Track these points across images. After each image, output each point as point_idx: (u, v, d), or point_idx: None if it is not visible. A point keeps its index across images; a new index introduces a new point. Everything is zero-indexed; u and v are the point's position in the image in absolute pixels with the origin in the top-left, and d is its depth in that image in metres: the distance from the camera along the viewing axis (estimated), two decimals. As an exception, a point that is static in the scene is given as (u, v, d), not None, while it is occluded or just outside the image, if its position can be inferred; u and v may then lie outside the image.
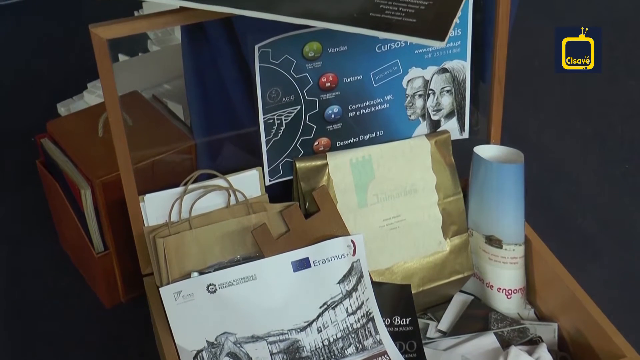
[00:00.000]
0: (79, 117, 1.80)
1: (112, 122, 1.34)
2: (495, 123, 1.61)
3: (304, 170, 1.51)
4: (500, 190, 1.55)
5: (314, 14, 1.11)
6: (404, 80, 1.54)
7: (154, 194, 1.44)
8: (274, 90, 1.44)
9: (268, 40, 1.38)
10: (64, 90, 2.24)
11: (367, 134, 1.56)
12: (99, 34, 1.25)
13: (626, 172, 2.14)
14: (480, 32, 1.57)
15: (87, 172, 1.60)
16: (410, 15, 1.10)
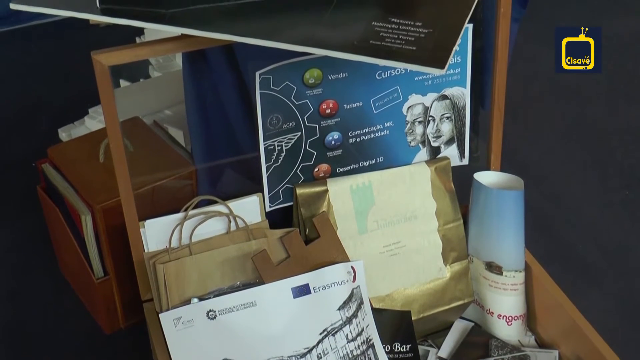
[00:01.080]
0: (80, 142, 1.80)
1: (113, 148, 1.34)
2: (495, 150, 1.61)
3: (304, 196, 1.51)
4: (500, 217, 1.55)
5: (314, 41, 1.12)
6: (404, 106, 1.55)
7: (154, 220, 1.44)
8: (274, 117, 1.45)
9: (269, 67, 1.39)
10: (66, 115, 2.25)
11: (368, 161, 1.57)
12: (100, 61, 1.26)
13: (626, 199, 2.14)
14: (480, 58, 1.58)
15: (88, 197, 1.60)
16: (410, 43, 1.11)
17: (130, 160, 1.37)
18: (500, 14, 1.47)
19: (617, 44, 2.84)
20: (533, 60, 2.70)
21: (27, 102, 2.57)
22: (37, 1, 1.22)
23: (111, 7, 1.19)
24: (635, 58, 2.77)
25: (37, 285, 1.90)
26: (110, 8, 1.19)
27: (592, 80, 2.64)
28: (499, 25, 1.49)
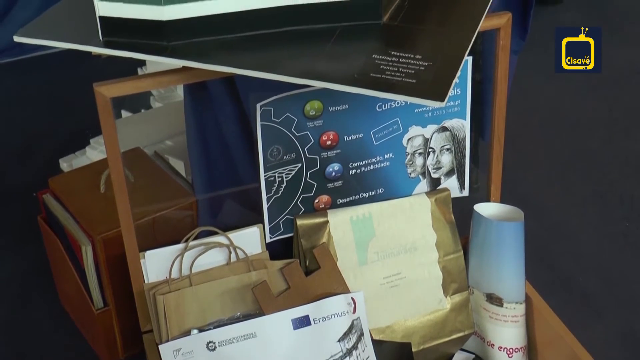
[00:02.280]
0: (81, 173, 1.81)
1: (114, 179, 1.35)
2: (495, 181, 1.62)
3: (304, 227, 1.52)
4: (500, 248, 1.55)
5: (315, 74, 1.13)
6: (404, 138, 1.55)
7: (154, 251, 1.44)
8: (275, 148, 1.45)
9: (270, 99, 1.40)
10: (67, 146, 2.26)
11: (368, 192, 1.57)
12: (102, 93, 1.27)
13: (626, 231, 2.14)
14: (480, 90, 1.59)
15: (88, 228, 1.60)
16: (410, 76, 1.11)
17: (131, 191, 1.38)
18: (499, 47, 1.49)
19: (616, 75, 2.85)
20: (533, 91, 2.72)
21: (29, 132, 2.58)
22: (41, 34, 1.23)
23: (113, 40, 1.20)
24: (634, 89, 2.78)
25: (37, 315, 1.89)
26: (113, 40, 1.20)
27: (592, 112, 2.65)
28: (498, 58, 1.50)
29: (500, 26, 1.47)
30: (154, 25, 1.17)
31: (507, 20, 1.47)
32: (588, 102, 2.72)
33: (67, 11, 1.32)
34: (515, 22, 1.53)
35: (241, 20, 1.19)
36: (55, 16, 1.30)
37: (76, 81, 2.62)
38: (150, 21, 1.17)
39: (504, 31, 1.48)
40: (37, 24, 1.27)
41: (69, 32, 1.24)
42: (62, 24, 1.28)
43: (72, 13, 1.30)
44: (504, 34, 1.48)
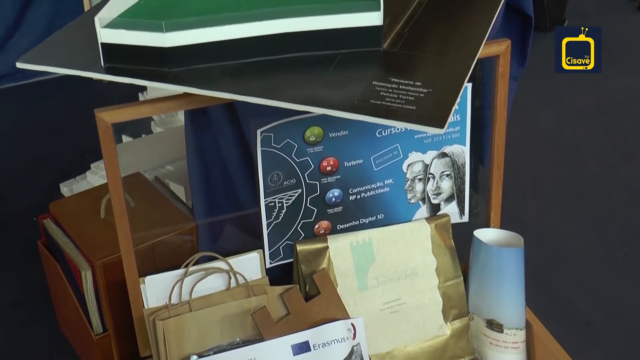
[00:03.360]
0: (81, 198, 1.81)
1: (115, 204, 1.35)
2: (494, 207, 1.62)
3: (304, 253, 1.52)
4: (500, 274, 1.55)
5: (315, 100, 1.13)
6: (404, 164, 1.56)
7: (154, 276, 1.44)
8: (275, 174, 1.46)
9: (270, 125, 1.41)
10: (68, 170, 2.26)
11: (368, 217, 1.57)
12: (104, 118, 1.27)
13: (627, 256, 2.14)
14: (479, 116, 1.60)
15: (88, 253, 1.60)
16: (410, 103, 1.12)
17: (131, 216, 1.38)
18: (498, 74, 1.49)
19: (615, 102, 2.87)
20: (532, 117, 2.73)
21: (30, 157, 2.59)
22: (43, 60, 1.24)
23: (115, 66, 1.20)
24: (632, 116, 2.80)
25: (36, 340, 1.89)
26: (115, 67, 1.21)
27: (591, 138, 2.66)
28: (498, 85, 1.51)
29: (499, 53, 1.48)
30: (155, 52, 1.18)
31: (507, 47, 1.48)
32: (587, 128, 2.73)
33: (69, 38, 1.32)
34: (514, 48, 1.54)
35: (242, 47, 1.20)
36: (57, 43, 1.31)
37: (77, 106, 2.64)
38: (152, 48, 1.18)
39: (503, 58, 1.49)
40: (39, 50, 1.27)
41: (71, 58, 1.25)
42: (64, 50, 1.29)
43: (74, 40, 1.31)
44: (503, 60, 1.49)
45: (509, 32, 1.68)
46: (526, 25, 1.72)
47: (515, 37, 1.70)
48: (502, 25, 1.66)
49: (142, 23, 1.18)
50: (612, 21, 3.52)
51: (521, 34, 1.74)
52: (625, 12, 3.61)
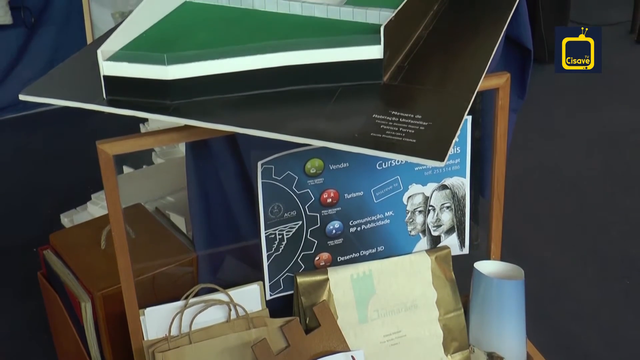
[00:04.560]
0: (82, 228, 1.81)
1: (115, 236, 1.35)
2: (495, 239, 1.62)
3: (304, 285, 1.51)
4: (501, 307, 1.55)
5: (316, 133, 1.14)
6: (404, 196, 1.56)
7: (154, 308, 1.44)
8: (275, 206, 1.46)
9: (271, 157, 1.41)
10: (68, 201, 2.27)
11: (368, 249, 1.57)
12: (105, 150, 1.28)
13: (627, 289, 2.14)
14: (479, 148, 1.60)
15: (88, 284, 1.60)
16: (410, 136, 1.12)
17: (132, 247, 1.38)
18: (498, 107, 1.50)
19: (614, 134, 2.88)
20: (532, 149, 2.74)
21: (31, 187, 2.59)
22: (45, 92, 1.25)
23: (117, 98, 1.21)
24: (632, 148, 2.80)
25: (34, 372, 1.88)
26: (116, 99, 1.21)
27: (591, 170, 2.66)
28: (498, 117, 1.51)
29: (499, 86, 1.49)
30: (157, 85, 1.19)
31: (506, 80, 1.49)
32: (587, 160, 2.74)
33: (72, 70, 1.33)
34: (514, 81, 1.55)
35: (243, 80, 1.21)
36: (60, 75, 1.32)
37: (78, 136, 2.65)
38: (154, 80, 1.19)
39: (503, 91, 1.49)
40: (42, 82, 1.28)
41: (74, 90, 1.26)
42: (67, 82, 1.30)
43: (77, 72, 1.32)
44: (503, 93, 1.50)
45: (509, 64, 1.69)
46: (525, 58, 1.74)
47: (515, 69, 1.71)
48: (502, 58, 1.67)
49: (144, 56, 1.19)
50: (611, 53, 3.53)
51: (521, 67, 1.75)
52: (624, 45, 3.64)
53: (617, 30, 3.72)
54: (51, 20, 3.09)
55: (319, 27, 1.29)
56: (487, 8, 1.52)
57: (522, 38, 1.70)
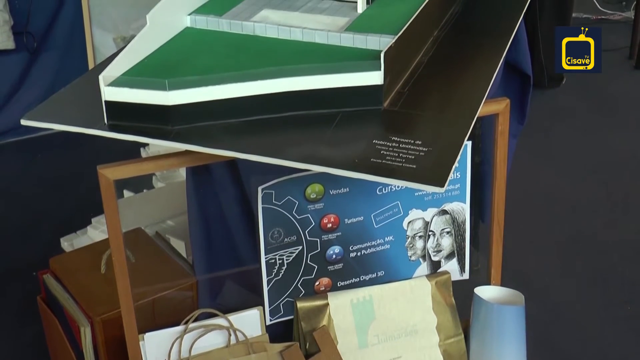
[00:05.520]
0: (82, 253, 1.81)
1: (115, 261, 1.35)
2: (495, 264, 1.62)
3: (304, 310, 1.51)
4: (501, 332, 1.54)
5: (316, 158, 1.14)
6: (404, 221, 1.56)
7: (154, 333, 1.43)
8: (276, 231, 1.46)
9: (271, 182, 1.41)
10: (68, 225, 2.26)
11: (368, 274, 1.57)
12: (106, 175, 1.28)
13: (629, 315, 2.13)
14: (479, 172, 1.60)
15: (88, 309, 1.60)
16: (410, 161, 1.13)
17: (132, 272, 1.38)
18: (498, 132, 1.51)
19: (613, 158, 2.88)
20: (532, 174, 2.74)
21: (31, 211, 2.59)
22: (47, 117, 1.25)
23: (118, 124, 1.22)
24: (631, 172, 2.80)
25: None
26: (118, 124, 1.22)
27: (591, 195, 2.67)
28: (497, 143, 1.52)
29: (498, 112, 1.49)
30: (159, 110, 1.19)
31: (506, 106, 1.50)
32: (587, 184, 2.74)
33: (73, 95, 1.34)
34: (513, 107, 1.56)
35: (244, 106, 1.21)
36: (61, 100, 1.32)
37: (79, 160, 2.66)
38: (155, 106, 1.19)
39: (503, 117, 1.50)
40: (43, 107, 1.29)
41: (75, 115, 1.26)
42: (68, 107, 1.30)
43: (78, 97, 1.33)
44: (503, 119, 1.50)
45: (508, 90, 1.70)
46: (525, 83, 1.74)
47: (515, 95, 1.72)
48: (502, 83, 1.68)
49: (145, 81, 1.20)
50: (610, 79, 3.56)
51: (520, 93, 1.76)
52: (623, 70, 3.65)
53: (616, 56, 3.74)
54: (53, 45, 3.11)
55: (319, 53, 1.30)
56: (486, 34, 1.53)
57: (522, 64, 1.71)
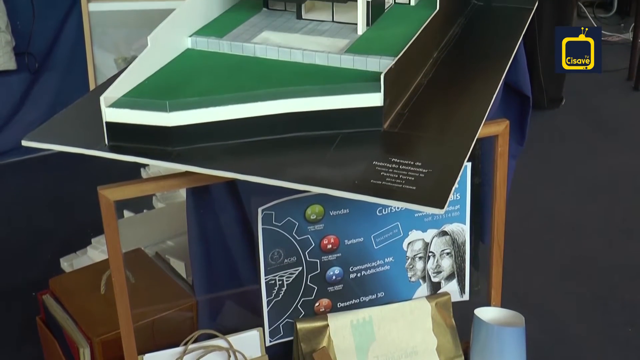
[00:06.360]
0: (81, 273, 1.81)
1: (115, 281, 1.35)
2: (495, 286, 1.61)
3: (304, 331, 1.51)
4: (501, 354, 1.54)
5: (316, 180, 1.14)
6: (404, 242, 1.56)
7: (153, 354, 1.43)
8: (276, 252, 1.46)
9: (271, 203, 1.42)
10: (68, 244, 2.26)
11: (368, 296, 1.57)
12: (106, 196, 1.29)
13: (630, 336, 2.12)
14: (479, 193, 1.61)
15: (87, 330, 1.59)
16: (410, 183, 1.13)
17: (131, 292, 1.38)
18: (497, 154, 1.51)
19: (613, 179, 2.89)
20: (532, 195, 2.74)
21: (31, 231, 2.59)
22: (48, 138, 1.25)
23: (119, 145, 1.22)
24: (631, 193, 2.80)
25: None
26: (118, 145, 1.22)
27: (591, 215, 2.66)
28: (497, 164, 1.52)
29: (498, 133, 1.50)
30: (159, 131, 1.20)
31: (505, 127, 1.50)
32: (587, 206, 2.74)
33: (74, 116, 1.34)
34: (513, 128, 1.56)
35: (244, 127, 1.22)
36: (62, 121, 1.33)
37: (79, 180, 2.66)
38: (156, 127, 1.19)
39: (502, 138, 1.51)
40: (44, 128, 1.29)
41: (76, 136, 1.27)
42: (69, 128, 1.31)
43: (79, 118, 1.33)
44: (502, 140, 1.51)
45: (508, 111, 1.70)
46: (524, 105, 1.75)
47: (514, 116, 1.73)
48: (501, 105, 1.68)
49: (146, 103, 1.20)
50: (609, 100, 3.57)
51: (520, 114, 1.77)
52: (621, 92, 3.66)
53: (615, 77, 3.75)
54: (55, 65, 3.12)
55: (320, 74, 1.30)
56: (486, 56, 1.54)
57: (521, 85, 1.72)
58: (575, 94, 3.54)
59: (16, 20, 3.01)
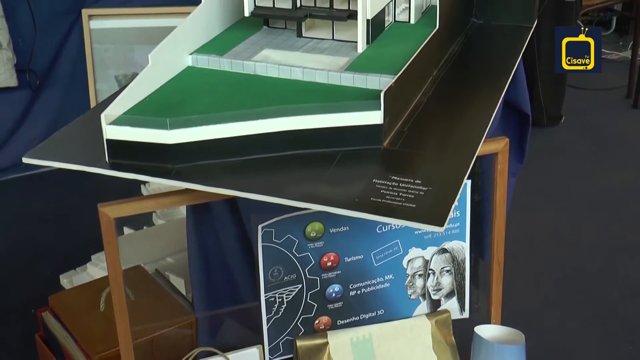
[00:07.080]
0: (81, 290, 1.81)
1: (115, 299, 1.35)
2: (495, 303, 1.61)
3: (304, 349, 1.50)
4: (502, 372, 1.54)
5: (316, 197, 1.15)
6: (404, 260, 1.56)
7: (152, 372, 1.43)
8: (276, 269, 1.46)
9: (271, 221, 1.42)
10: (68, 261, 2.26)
11: (368, 313, 1.57)
12: (107, 213, 1.29)
13: (630, 355, 2.11)
14: (479, 211, 1.61)
15: (86, 347, 1.59)
16: (410, 201, 1.13)
17: (131, 310, 1.38)
18: (497, 171, 1.51)
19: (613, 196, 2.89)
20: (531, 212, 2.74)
21: (31, 247, 2.59)
22: (48, 155, 1.26)
23: (119, 162, 1.22)
24: (631, 211, 2.81)
25: None
26: (119, 162, 1.22)
27: (591, 232, 2.67)
28: (497, 182, 1.52)
29: (498, 151, 1.50)
30: (160, 149, 1.20)
31: (505, 145, 1.50)
32: (586, 223, 2.74)
33: (75, 133, 1.35)
34: (512, 145, 1.57)
35: (245, 145, 1.22)
36: (62, 138, 1.33)
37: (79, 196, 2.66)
38: (156, 144, 1.20)
39: (502, 156, 1.51)
40: (45, 145, 1.29)
41: (76, 153, 1.27)
42: (70, 145, 1.31)
43: (79, 135, 1.34)
44: (502, 158, 1.51)
45: (507, 129, 1.71)
46: (524, 122, 1.76)
47: (513, 134, 1.73)
48: (501, 122, 1.69)
49: (147, 120, 1.20)
50: (609, 118, 3.58)
51: (519, 131, 1.77)
52: (620, 110, 3.67)
53: (614, 95, 3.77)
54: (56, 82, 3.13)
55: (320, 92, 1.31)
56: (485, 73, 1.54)
57: (521, 103, 1.72)
58: (574, 111, 3.56)
59: (18, 37, 3.03)
